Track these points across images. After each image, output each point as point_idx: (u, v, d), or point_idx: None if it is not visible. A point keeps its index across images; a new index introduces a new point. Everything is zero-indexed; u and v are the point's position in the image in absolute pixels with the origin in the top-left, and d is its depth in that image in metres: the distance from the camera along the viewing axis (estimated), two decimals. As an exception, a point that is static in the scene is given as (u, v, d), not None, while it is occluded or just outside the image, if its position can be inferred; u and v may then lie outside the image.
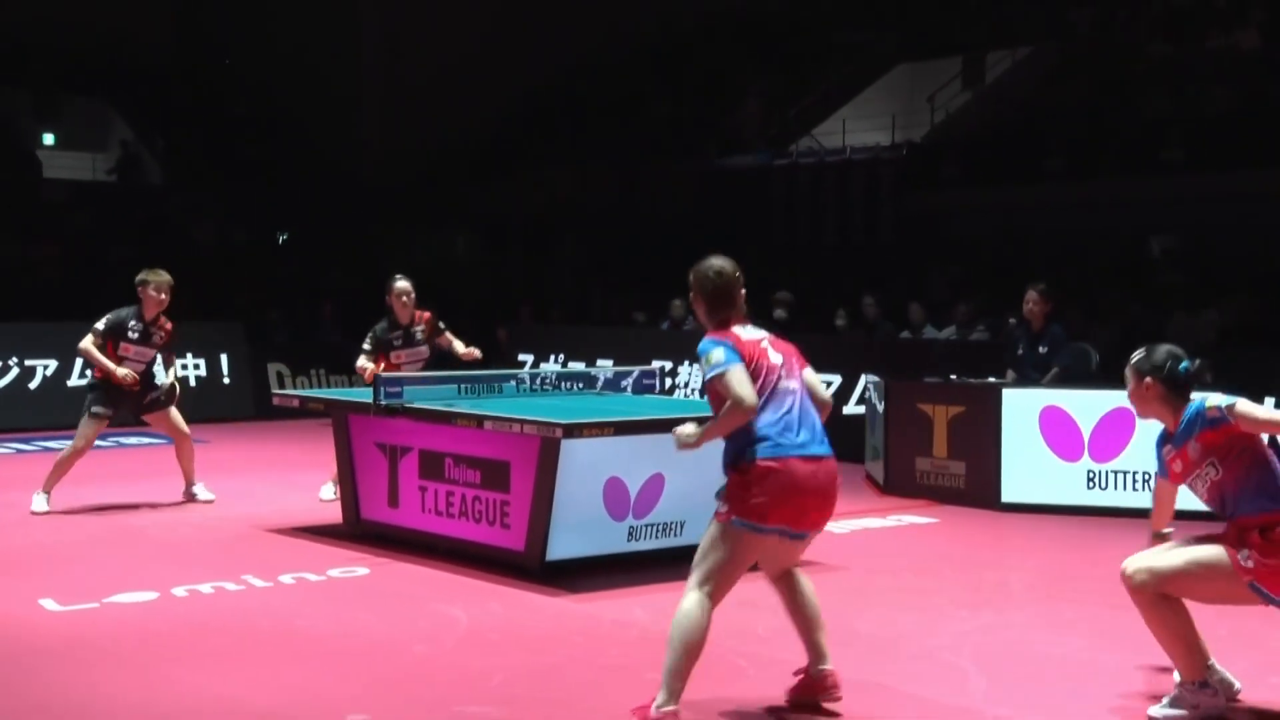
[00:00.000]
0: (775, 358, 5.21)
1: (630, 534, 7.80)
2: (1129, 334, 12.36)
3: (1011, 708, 5.29)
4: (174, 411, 10.01)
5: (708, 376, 5.11)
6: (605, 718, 5.17)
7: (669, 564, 7.70)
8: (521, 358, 15.56)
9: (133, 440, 13.38)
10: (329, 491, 9.86)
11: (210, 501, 10.03)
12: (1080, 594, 7.34)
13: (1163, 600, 5.16)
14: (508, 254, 24.26)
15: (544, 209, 24.18)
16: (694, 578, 5.10)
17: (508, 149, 27.11)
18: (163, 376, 10.04)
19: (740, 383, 4.97)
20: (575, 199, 23.94)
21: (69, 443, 9.62)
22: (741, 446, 5.07)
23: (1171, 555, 5.24)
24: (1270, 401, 10.20)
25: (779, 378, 5.17)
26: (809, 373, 5.37)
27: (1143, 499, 9.74)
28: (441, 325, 10.20)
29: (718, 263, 5.40)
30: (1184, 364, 5.39)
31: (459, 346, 10.09)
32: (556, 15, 28.07)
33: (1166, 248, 16.32)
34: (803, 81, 25.38)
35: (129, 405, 9.86)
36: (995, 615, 6.81)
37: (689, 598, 5.04)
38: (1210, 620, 5.39)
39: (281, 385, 15.22)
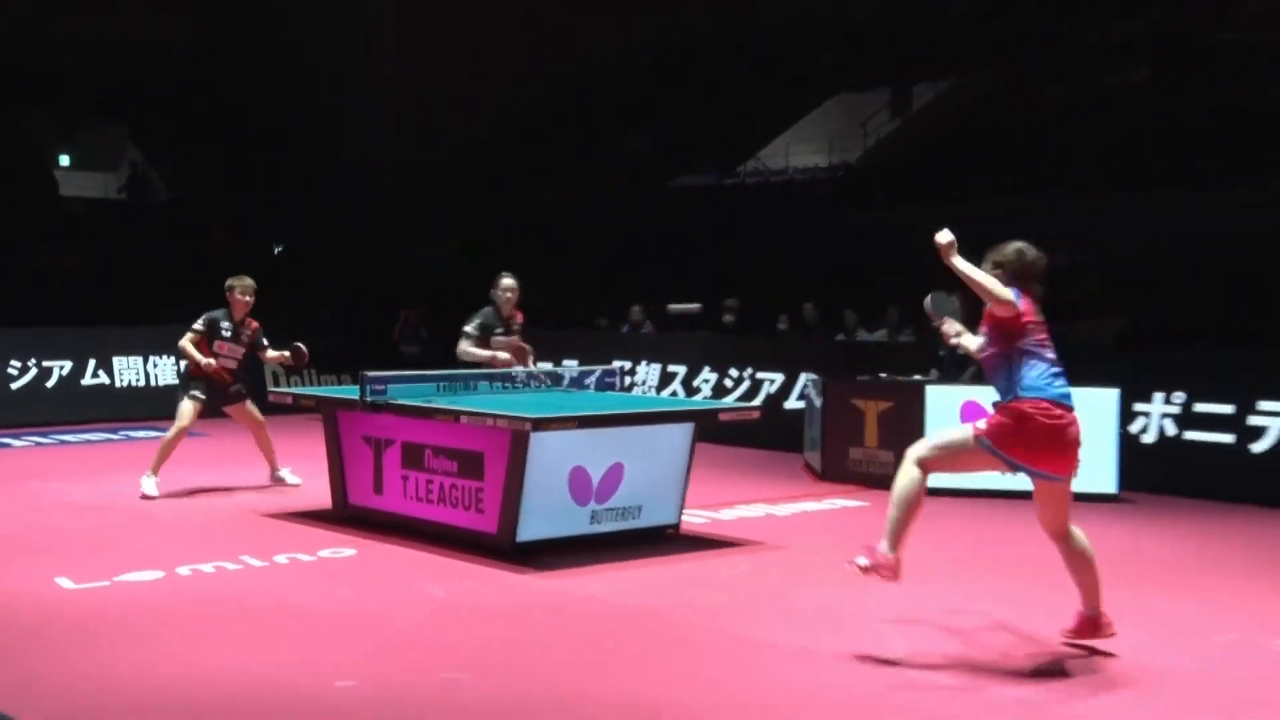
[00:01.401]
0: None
1: (593, 517, 7.81)
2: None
3: (930, 669, 5.33)
4: (250, 404, 10.12)
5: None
6: (568, 683, 5.18)
7: (627, 545, 7.75)
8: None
9: (140, 434, 13.31)
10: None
11: (297, 485, 10.08)
12: (993, 567, 7.40)
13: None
14: (485, 261, 24.18)
15: (517, 221, 24.15)
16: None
17: (488, 166, 27.00)
18: (272, 352, 10.12)
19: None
20: (545, 214, 23.93)
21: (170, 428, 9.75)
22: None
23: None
24: (1152, 397, 10.35)
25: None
26: None
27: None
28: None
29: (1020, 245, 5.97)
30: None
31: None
32: (534, 47, 27.94)
33: (1070, 259, 16.47)
34: (748, 110, 25.46)
35: (215, 397, 9.95)
36: (918, 586, 6.84)
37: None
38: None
39: (277, 384, 15.11)
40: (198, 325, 9.82)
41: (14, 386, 14.17)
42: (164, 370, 15.11)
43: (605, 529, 7.84)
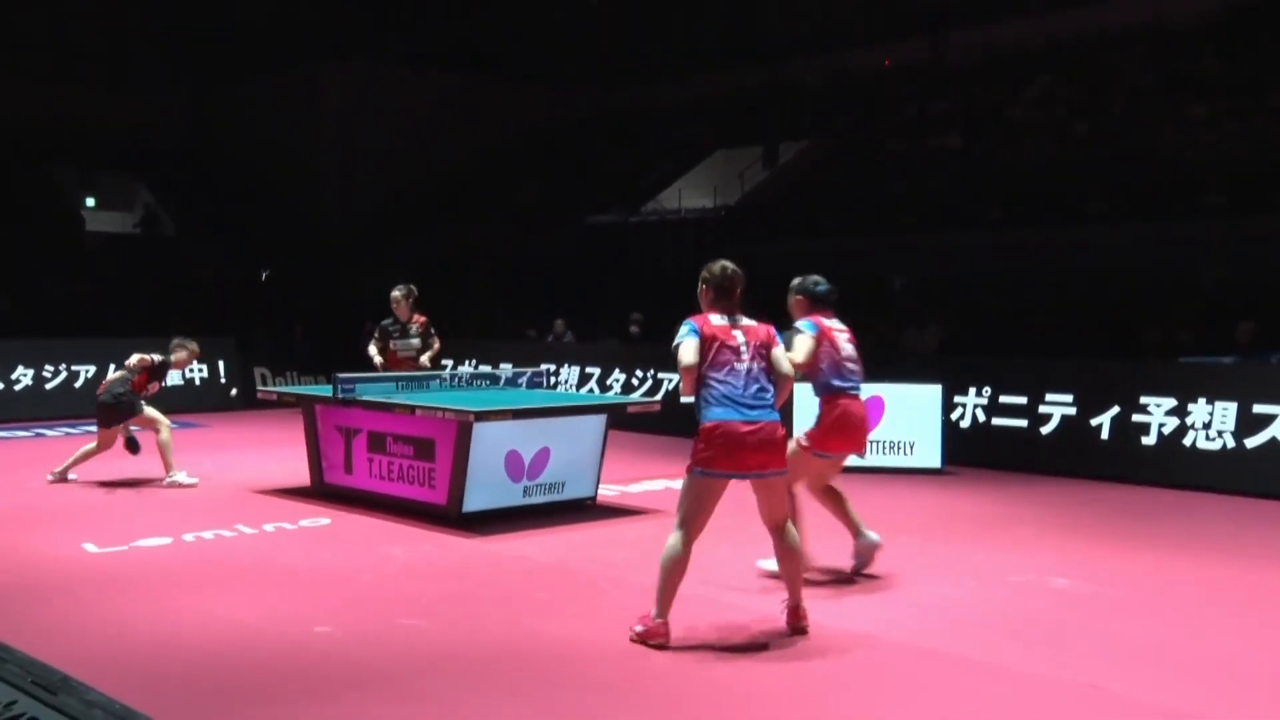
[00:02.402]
0: (738, 339, 4.84)
1: (525, 492, 7.77)
2: (877, 345, 12.63)
3: (810, 600, 5.37)
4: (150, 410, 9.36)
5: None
6: (505, 626, 5.14)
7: (554, 514, 7.72)
8: (444, 361, 15.35)
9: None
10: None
11: (194, 484, 9.23)
12: (837, 528, 7.48)
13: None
14: (431, 287, 23.98)
15: (460, 252, 23.96)
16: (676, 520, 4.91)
17: (432, 208, 26.83)
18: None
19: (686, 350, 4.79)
20: (483, 245, 23.78)
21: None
22: (697, 410, 4.80)
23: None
24: (968, 391, 10.54)
25: (735, 356, 4.79)
26: (776, 351, 4.96)
27: (889, 460, 9.99)
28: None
29: (724, 263, 5.10)
30: (821, 287, 6.18)
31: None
32: (470, 109, 28.08)
33: (902, 283, 16.76)
34: (651, 161, 25.53)
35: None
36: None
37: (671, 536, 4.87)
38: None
39: (264, 384, 14.83)
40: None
41: (48, 386, 13.82)
42: (171, 374, 14.76)
43: (535, 501, 7.80)
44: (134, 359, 9.22)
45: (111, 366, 14.27)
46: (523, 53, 29.66)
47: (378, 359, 9.78)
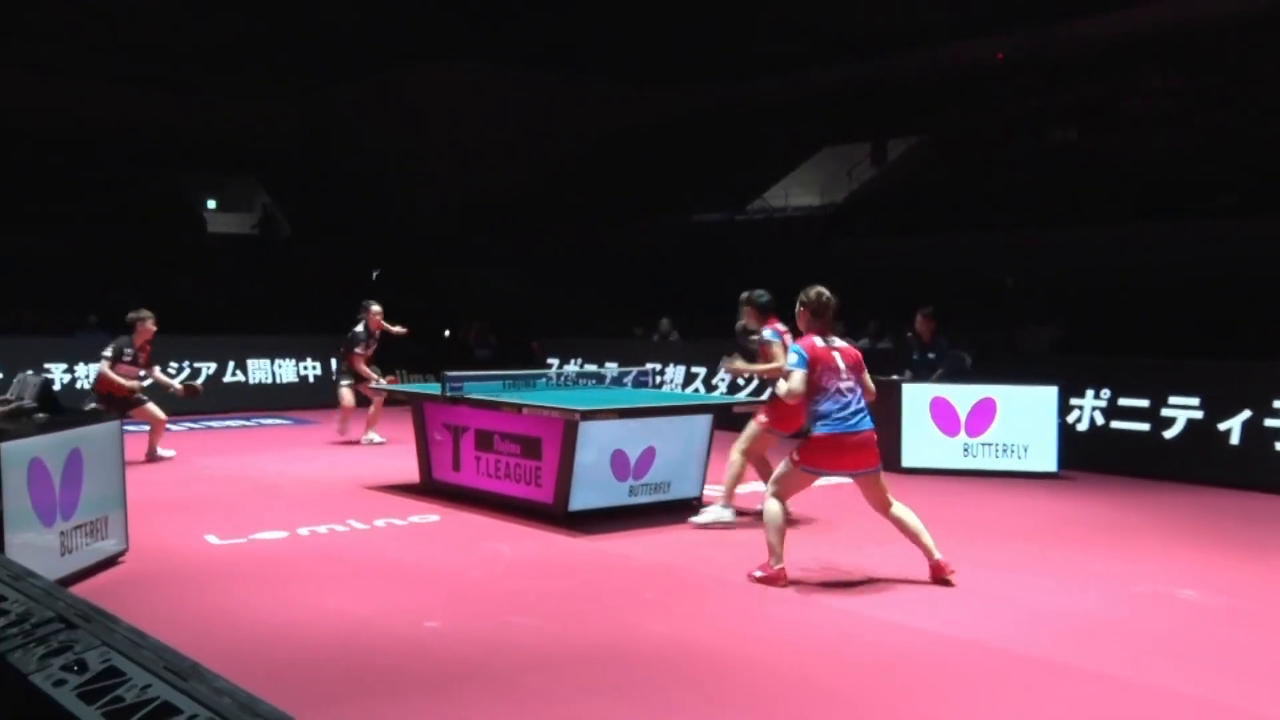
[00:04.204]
0: (840, 362, 5.66)
1: (631, 491, 7.79)
2: (987, 345, 12.37)
3: (904, 614, 5.28)
4: (150, 406, 10.08)
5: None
6: (610, 624, 5.16)
7: (659, 513, 7.73)
8: (550, 361, 15.54)
9: (269, 421, 13.39)
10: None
11: (172, 456, 10.14)
12: (956, 533, 7.33)
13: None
14: (538, 285, 24.30)
15: (565, 252, 24.19)
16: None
17: (535, 207, 27.15)
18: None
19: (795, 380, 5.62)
20: (589, 244, 23.96)
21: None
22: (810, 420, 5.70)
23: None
24: (1085, 393, 10.23)
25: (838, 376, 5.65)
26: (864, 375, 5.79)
27: (1002, 463, 9.77)
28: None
29: (819, 288, 5.84)
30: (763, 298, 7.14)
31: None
32: (573, 108, 28.30)
33: (1014, 282, 16.37)
34: (756, 159, 25.43)
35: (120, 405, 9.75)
36: (893, 548, 6.80)
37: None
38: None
39: (374, 382, 15.18)
40: (107, 352, 9.76)
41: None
42: (286, 371, 15.26)
43: (641, 500, 7.83)
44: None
45: (231, 364, 14.86)
46: (624, 50, 29.78)
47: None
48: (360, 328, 11.55)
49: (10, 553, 4.78)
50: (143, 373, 10.02)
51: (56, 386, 13.12)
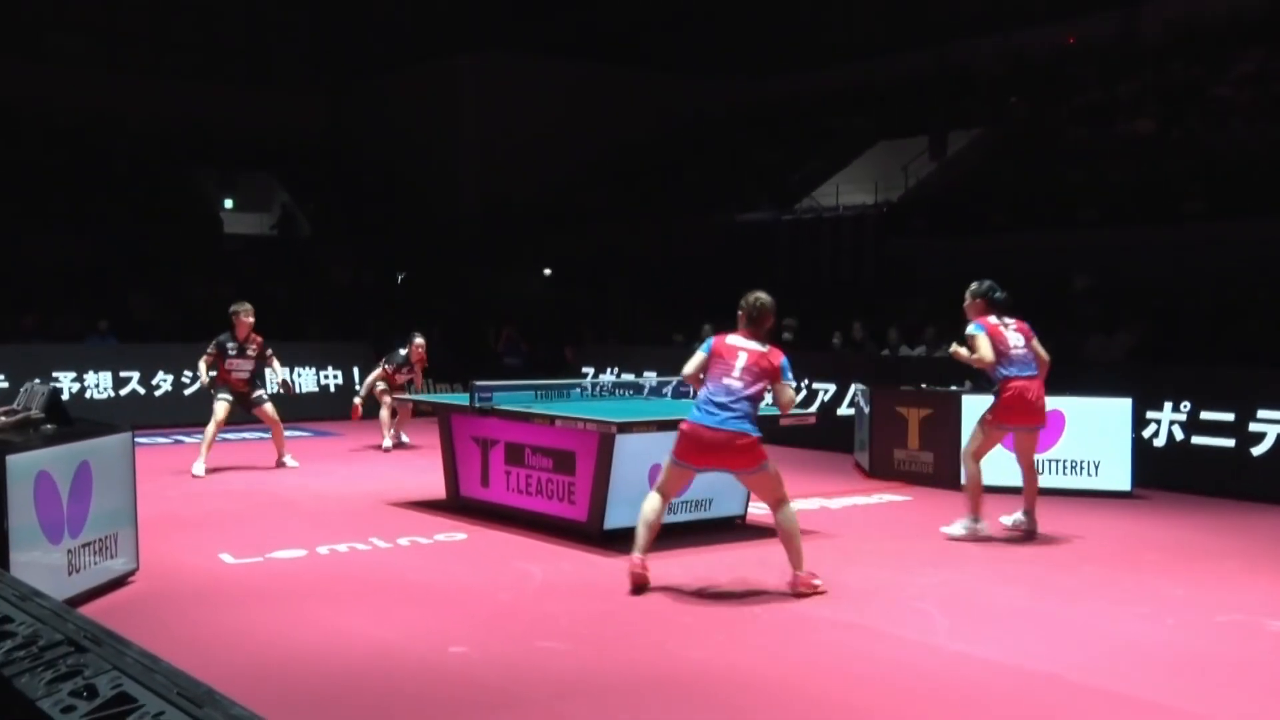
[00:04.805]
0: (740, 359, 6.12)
1: (670, 509, 7.76)
2: (1057, 352, 12.22)
3: (967, 643, 5.24)
4: (268, 406, 10.73)
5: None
6: (648, 651, 5.16)
7: (700, 533, 7.72)
8: (584, 369, 15.57)
9: (288, 433, 13.50)
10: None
11: (296, 466, 10.71)
12: (1023, 555, 7.27)
13: (974, 459, 7.63)
14: (573, 289, 24.36)
15: (601, 253, 24.25)
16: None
17: (572, 206, 27.24)
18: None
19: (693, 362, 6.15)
20: (625, 245, 24.01)
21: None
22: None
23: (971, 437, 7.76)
24: (1163, 406, 10.10)
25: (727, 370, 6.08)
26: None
27: (1071, 481, 9.67)
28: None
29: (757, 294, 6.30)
30: (997, 292, 7.66)
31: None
32: (611, 100, 28.36)
33: (1086, 284, 16.18)
34: (805, 155, 25.37)
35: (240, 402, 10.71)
36: (955, 572, 6.75)
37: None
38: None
39: (404, 392, 15.26)
40: (210, 348, 10.41)
41: (186, 393, 14.45)
42: (306, 379, 15.39)
43: (681, 519, 7.81)
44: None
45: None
46: (666, 40, 29.84)
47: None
48: (403, 352, 12.18)
49: (15, 571, 4.87)
50: (277, 368, 10.70)
51: (65, 396, 13.33)
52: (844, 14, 27.67)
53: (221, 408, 10.32)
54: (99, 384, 14.02)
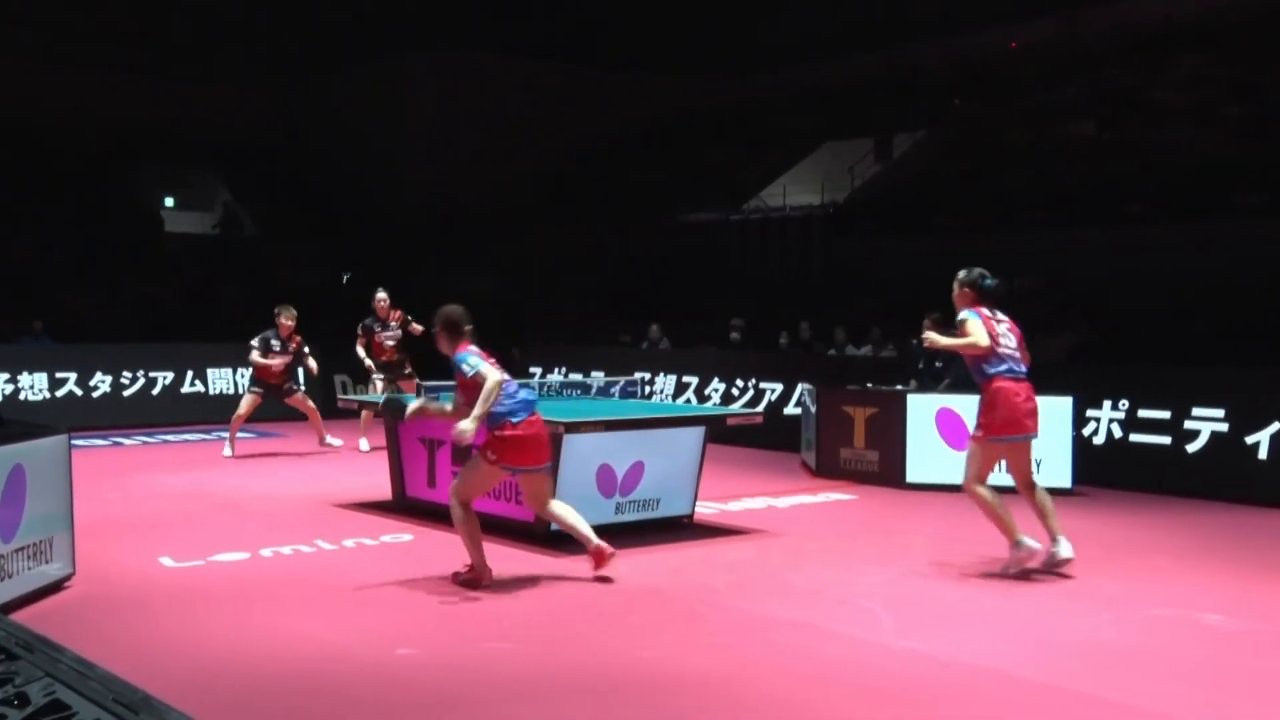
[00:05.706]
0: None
1: (617, 508, 7.79)
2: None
3: (914, 640, 5.28)
4: (302, 395, 11.90)
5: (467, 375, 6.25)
6: (595, 649, 5.16)
7: (648, 532, 7.73)
8: (532, 370, 15.53)
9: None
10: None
11: (339, 445, 11.68)
12: (967, 552, 7.34)
13: (978, 484, 6.70)
14: (522, 289, 24.29)
15: (550, 254, 24.20)
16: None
17: (523, 207, 27.17)
18: None
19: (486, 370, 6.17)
20: (574, 245, 23.98)
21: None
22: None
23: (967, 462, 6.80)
24: (1102, 404, 10.26)
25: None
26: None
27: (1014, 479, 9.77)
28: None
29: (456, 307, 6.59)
30: (987, 280, 7.04)
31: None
32: (561, 101, 28.32)
33: (1029, 285, 16.42)
34: (753, 156, 25.49)
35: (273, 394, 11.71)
36: (901, 569, 6.81)
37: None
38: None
39: (344, 392, 15.16)
40: (254, 342, 11.39)
41: (126, 394, 14.33)
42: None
43: (628, 518, 7.82)
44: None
45: (190, 373, 14.82)
46: (617, 41, 29.82)
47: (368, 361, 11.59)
48: (370, 319, 12.09)
49: (-50, 576, 4.76)
50: (312, 365, 11.56)
51: None
52: (792, 17, 27.82)
53: (248, 401, 11.25)
54: (34, 385, 13.75)
